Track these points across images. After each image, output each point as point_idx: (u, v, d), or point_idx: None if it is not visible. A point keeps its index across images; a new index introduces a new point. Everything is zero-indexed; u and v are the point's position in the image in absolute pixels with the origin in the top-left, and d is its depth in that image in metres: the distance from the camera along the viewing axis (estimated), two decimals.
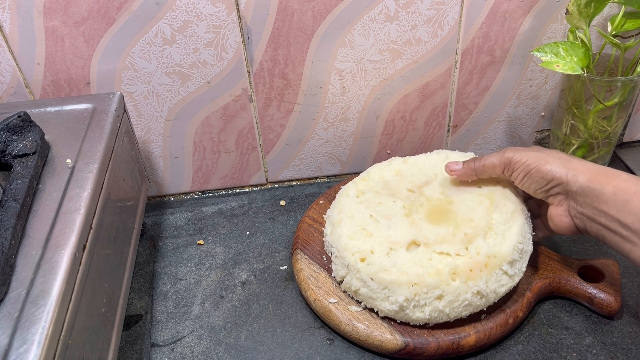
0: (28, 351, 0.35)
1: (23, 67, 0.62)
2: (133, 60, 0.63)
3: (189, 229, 0.72)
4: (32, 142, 0.50)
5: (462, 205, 0.56)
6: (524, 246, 0.54)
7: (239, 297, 0.62)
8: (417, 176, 0.62)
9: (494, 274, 0.52)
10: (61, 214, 0.45)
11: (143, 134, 0.70)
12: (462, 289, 0.51)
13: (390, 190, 0.61)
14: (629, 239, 0.44)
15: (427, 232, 0.54)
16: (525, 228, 0.55)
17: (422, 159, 0.64)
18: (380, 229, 0.56)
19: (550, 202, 0.51)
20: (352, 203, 0.60)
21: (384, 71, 0.69)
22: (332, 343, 0.56)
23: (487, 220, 0.55)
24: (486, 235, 0.54)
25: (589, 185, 0.47)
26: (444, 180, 0.60)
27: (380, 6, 0.63)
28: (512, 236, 0.53)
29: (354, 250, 0.55)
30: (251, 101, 0.69)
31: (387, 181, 0.62)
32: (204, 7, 0.61)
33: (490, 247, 0.53)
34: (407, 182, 0.61)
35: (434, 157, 0.64)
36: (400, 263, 0.52)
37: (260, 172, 0.77)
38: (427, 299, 0.51)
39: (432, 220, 0.56)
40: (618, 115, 0.65)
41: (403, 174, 0.63)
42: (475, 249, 0.52)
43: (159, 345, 0.57)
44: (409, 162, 0.64)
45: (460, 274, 0.51)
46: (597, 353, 0.53)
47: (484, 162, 0.55)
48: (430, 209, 0.57)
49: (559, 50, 0.61)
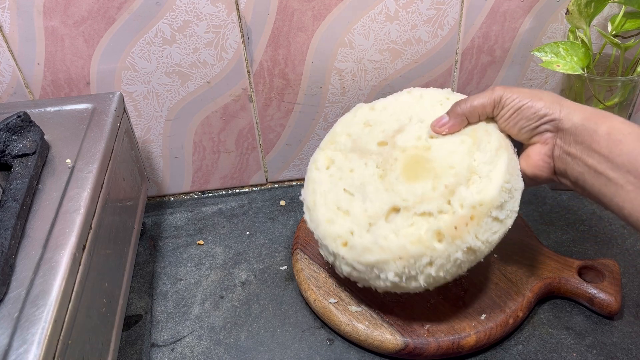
0: (28, 351, 0.35)
1: (23, 67, 0.62)
2: (133, 60, 0.63)
3: (189, 229, 0.72)
4: (31, 142, 0.50)
5: (441, 150, 0.51)
6: (513, 184, 0.49)
7: (239, 297, 0.62)
8: (388, 123, 0.55)
9: (482, 224, 0.47)
10: (61, 214, 0.45)
11: (143, 134, 0.70)
12: (451, 250, 0.46)
13: (361, 148, 0.55)
14: (615, 180, 0.43)
15: (405, 193, 0.49)
16: (513, 164, 0.50)
17: (392, 102, 0.57)
18: (355, 203, 0.51)
19: (535, 141, 0.49)
20: (323, 178, 0.55)
21: (384, 71, 0.69)
22: (332, 343, 0.56)
23: (469, 164, 0.49)
24: (469, 181, 0.48)
25: (583, 124, 0.45)
26: (420, 123, 0.54)
27: (380, 6, 0.63)
28: (498, 176, 0.48)
29: (334, 235, 0.51)
30: (251, 101, 0.69)
31: (355, 138, 0.56)
32: (204, 7, 0.61)
33: (474, 195, 0.47)
34: (378, 133, 0.55)
35: (405, 98, 0.57)
36: (382, 237, 0.48)
37: (260, 172, 0.77)
38: (417, 269, 0.47)
39: (409, 177, 0.50)
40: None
41: (372, 124, 0.56)
42: (459, 201, 0.47)
43: (159, 346, 0.57)
44: (376, 109, 0.57)
45: (445, 235, 0.46)
46: (597, 353, 0.53)
47: (472, 103, 0.51)
48: (405, 163, 0.51)
49: (559, 50, 0.61)
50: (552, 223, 0.68)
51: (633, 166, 0.42)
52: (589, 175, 0.45)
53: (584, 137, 0.45)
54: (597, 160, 0.44)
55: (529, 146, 0.50)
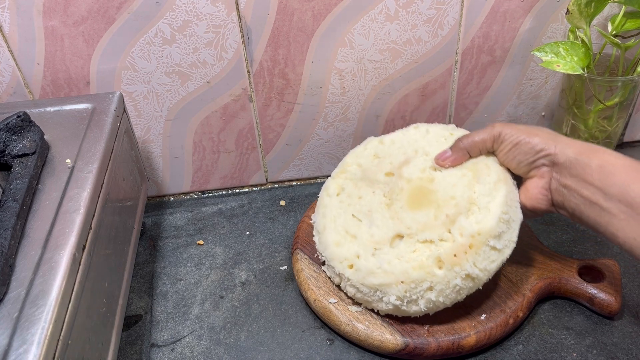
0: (27, 351, 0.35)
1: (22, 67, 0.62)
2: (133, 60, 0.63)
3: (189, 229, 0.72)
4: (31, 142, 0.50)
5: (443, 182, 0.54)
6: (510, 215, 0.51)
7: (238, 297, 0.62)
8: (395, 156, 0.59)
9: (481, 253, 0.50)
10: (61, 214, 0.45)
11: (143, 134, 0.70)
12: (450, 276, 0.49)
13: (369, 178, 0.59)
14: (608, 210, 0.46)
15: (409, 221, 0.52)
16: (511, 196, 0.52)
17: (399, 137, 0.61)
18: (363, 228, 0.55)
19: (532, 175, 0.52)
20: (333, 204, 0.59)
21: (384, 71, 0.69)
22: (332, 343, 0.56)
23: (469, 195, 0.52)
24: (468, 212, 0.51)
25: (576, 158, 0.48)
26: (425, 156, 0.57)
27: (380, 6, 0.63)
28: (496, 207, 0.51)
29: (341, 258, 0.54)
30: (251, 101, 0.69)
31: (365, 168, 0.60)
32: (204, 7, 0.61)
33: (473, 225, 0.50)
34: (386, 165, 0.59)
35: (412, 133, 0.61)
36: (386, 262, 0.51)
37: (260, 172, 0.77)
38: (418, 293, 0.50)
39: (413, 206, 0.53)
40: (618, 115, 0.65)
41: (381, 156, 0.60)
42: (458, 230, 0.50)
43: (159, 346, 0.57)
44: (385, 142, 0.61)
45: (445, 262, 0.49)
46: (597, 353, 0.53)
47: (473, 138, 0.54)
48: (410, 193, 0.54)
49: (560, 50, 0.61)
50: (552, 223, 0.68)
51: (624, 196, 0.44)
52: (584, 206, 0.48)
53: (577, 170, 0.48)
54: (591, 192, 0.47)
55: (527, 180, 0.53)
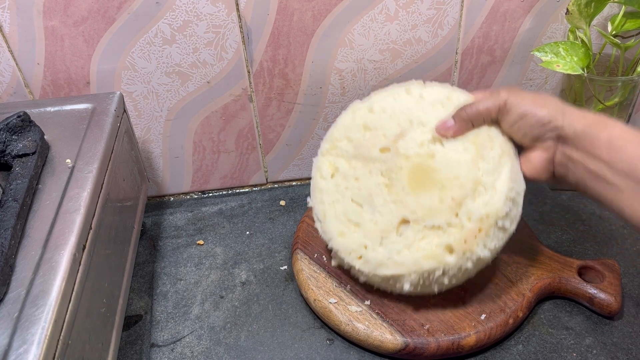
0: (28, 351, 0.35)
1: (23, 67, 0.62)
2: (133, 60, 0.63)
3: (189, 229, 0.72)
4: (31, 142, 0.50)
5: (444, 159, 0.51)
6: (516, 191, 0.50)
7: (238, 297, 0.62)
8: (388, 127, 0.54)
9: (490, 235, 0.49)
10: (61, 214, 0.45)
11: (143, 134, 0.70)
12: (462, 261, 0.49)
13: (363, 155, 0.55)
14: (616, 185, 0.44)
15: (413, 205, 0.51)
16: (515, 169, 0.51)
17: (390, 103, 0.55)
18: (365, 215, 0.53)
19: (537, 147, 0.50)
20: (330, 187, 0.55)
21: (384, 71, 0.69)
22: (332, 343, 0.56)
23: (474, 174, 0.50)
24: (474, 193, 0.50)
25: (584, 131, 0.46)
26: (422, 127, 0.53)
27: (380, 6, 0.63)
28: (502, 185, 0.49)
29: (349, 249, 0.53)
30: (251, 101, 0.69)
31: (356, 144, 0.55)
32: (204, 7, 0.61)
33: (480, 209, 0.49)
34: (379, 138, 0.54)
35: (404, 98, 0.55)
36: (395, 252, 0.50)
37: (260, 172, 0.77)
38: (431, 279, 0.50)
39: (415, 187, 0.51)
40: (618, 115, 0.65)
41: (372, 128, 0.55)
42: (466, 215, 0.49)
43: (159, 346, 0.57)
44: (375, 110, 0.55)
45: (455, 249, 0.49)
46: (597, 353, 0.53)
47: (477, 108, 0.51)
48: (410, 172, 0.52)
49: (559, 50, 0.61)
50: (552, 223, 0.68)
51: (632, 172, 0.43)
52: (590, 180, 0.46)
53: (585, 143, 0.46)
54: (598, 166, 0.45)
55: (530, 150, 0.50)
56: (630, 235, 0.65)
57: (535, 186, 0.74)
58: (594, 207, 0.70)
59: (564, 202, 0.71)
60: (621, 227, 0.67)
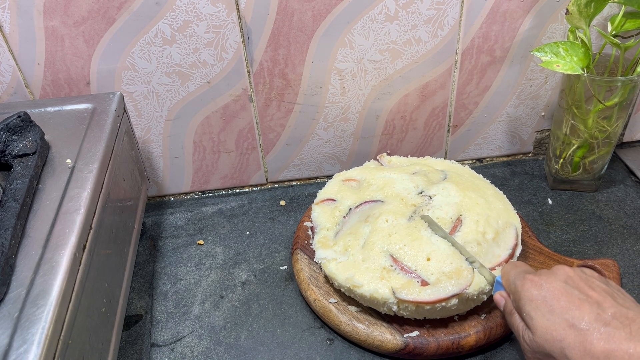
0: (28, 351, 0.35)
1: (23, 67, 0.62)
2: (133, 60, 0.63)
3: (189, 229, 0.72)
4: (32, 142, 0.50)
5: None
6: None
7: (239, 297, 0.62)
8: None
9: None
10: (61, 214, 0.45)
11: (143, 134, 0.70)
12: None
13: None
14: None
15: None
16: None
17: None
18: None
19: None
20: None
21: (384, 71, 0.69)
22: (332, 343, 0.56)
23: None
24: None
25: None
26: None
27: (380, 6, 0.63)
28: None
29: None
30: (251, 101, 0.69)
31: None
32: (204, 7, 0.61)
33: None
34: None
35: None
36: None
37: (260, 172, 0.77)
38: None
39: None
40: (618, 115, 0.65)
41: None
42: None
43: (159, 345, 0.57)
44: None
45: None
46: None
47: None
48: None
49: (559, 50, 0.61)
50: (552, 223, 0.68)
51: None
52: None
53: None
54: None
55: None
56: (630, 235, 0.66)
57: (535, 186, 0.74)
58: (594, 207, 0.70)
59: (564, 202, 0.71)
60: (621, 227, 0.67)
